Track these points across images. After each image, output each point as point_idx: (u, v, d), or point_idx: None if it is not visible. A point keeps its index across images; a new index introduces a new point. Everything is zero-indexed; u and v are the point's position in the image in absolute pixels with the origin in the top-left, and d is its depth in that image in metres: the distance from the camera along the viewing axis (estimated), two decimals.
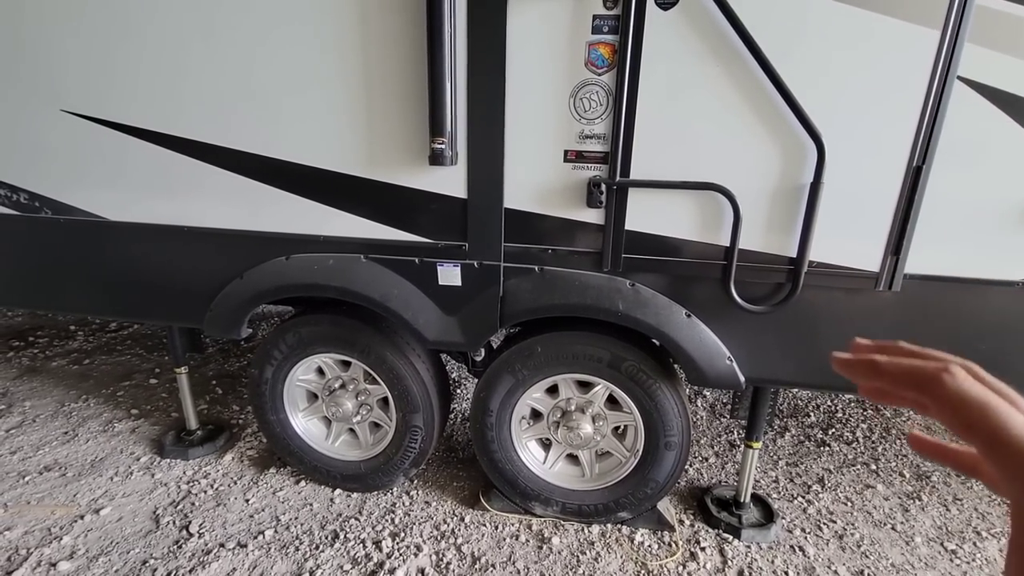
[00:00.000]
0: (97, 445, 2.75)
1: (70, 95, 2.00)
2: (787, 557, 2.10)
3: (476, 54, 1.65)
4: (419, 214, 1.88)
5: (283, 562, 2.04)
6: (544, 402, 2.16)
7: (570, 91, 1.64)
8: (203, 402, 3.17)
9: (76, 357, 3.74)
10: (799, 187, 1.62)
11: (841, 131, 1.53)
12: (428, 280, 1.95)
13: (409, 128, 1.76)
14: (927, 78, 1.46)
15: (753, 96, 1.56)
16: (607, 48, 1.59)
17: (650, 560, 2.07)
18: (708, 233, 1.72)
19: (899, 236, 1.60)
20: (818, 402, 3.33)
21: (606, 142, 1.68)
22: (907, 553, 2.15)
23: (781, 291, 1.74)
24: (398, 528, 2.20)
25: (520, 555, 2.09)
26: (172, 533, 2.17)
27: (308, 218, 1.96)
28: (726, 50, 1.53)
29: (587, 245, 1.81)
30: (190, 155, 1.97)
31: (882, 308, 1.71)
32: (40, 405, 3.11)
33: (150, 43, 1.86)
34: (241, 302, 2.12)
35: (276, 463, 2.58)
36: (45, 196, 2.18)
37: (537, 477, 2.22)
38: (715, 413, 3.20)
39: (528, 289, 1.89)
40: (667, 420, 1.99)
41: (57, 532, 2.16)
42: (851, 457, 2.77)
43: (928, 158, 1.52)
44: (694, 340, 1.83)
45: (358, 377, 2.29)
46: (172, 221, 2.09)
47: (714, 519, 2.23)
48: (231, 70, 1.83)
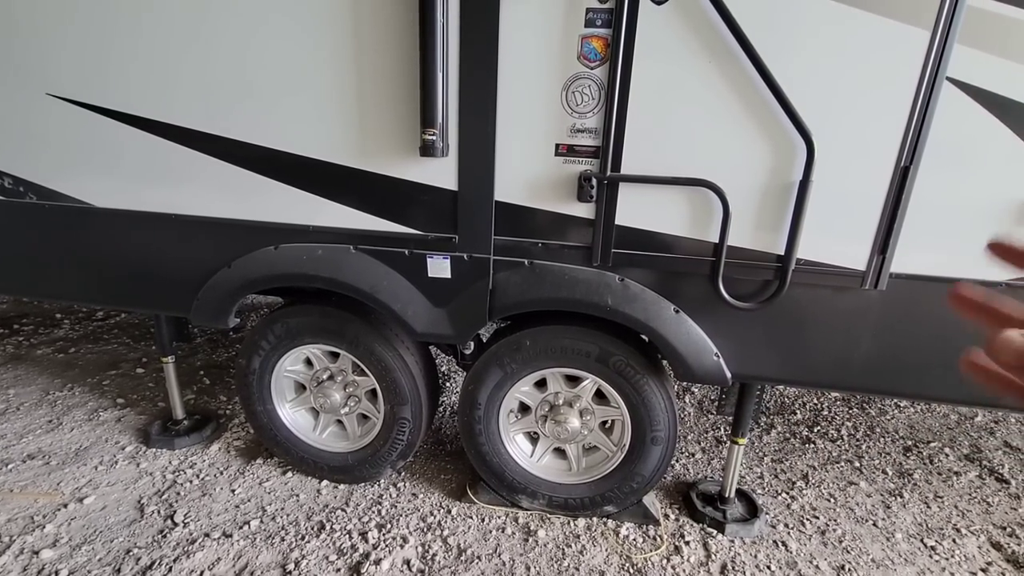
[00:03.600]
0: (82, 434, 2.73)
1: (57, 80, 1.97)
2: (770, 552, 2.13)
3: (468, 45, 1.64)
4: (409, 205, 1.87)
5: (268, 552, 2.04)
6: (532, 396, 2.16)
7: (562, 84, 1.64)
8: (190, 392, 3.15)
9: (62, 345, 3.71)
10: (788, 185, 1.62)
11: (830, 130, 1.54)
12: (418, 272, 1.95)
13: (400, 119, 1.75)
14: (916, 78, 1.47)
15: (744, 93, 1.56)
16: (600, 42, 1.58)
17: (635, 553, 2.09)
18: (697, 229, 1.73)
19: (886, 235, 1.62)
20: (804, 399, 3.36)
21: (598, 136, 1.67)
22: (887, 549, 2.18)
23: (769, 288, 1.75)
24: (384, 520, 2.21)
25: (506, 547, 2.10)
26: (157, 522, 2.16)
27: (297, 208, 1.95)
28: (719, 46, 1.53)
29: (577, 239, 1.81)
30: (179, 142, 1.95)
31: (868, 307, 1.73)
32: (24, 393, 3.07)
33: (141, 28, 1.83)
34: (229, 291, 2.11)
35: (263, 454, 2.57)
36: (30, 181, 2.15)
37: (524, 470, 2.22)
38: (702, 409, 3.22)
39: (518, 282, 1.89)
40: (654, 415, 2.00)
41: (40, 520, 2.14)
42: (835, 454, 2.80)
43: (916, 158, 1.53)
44: (682, 336, 1.84)
45: (346, 368, 2.28)
46: (159, 208, 2.07)
47: (699, 514, 2.25)
48: (223, 58, 1.81)
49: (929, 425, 3.13)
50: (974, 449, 2.90)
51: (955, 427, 3.12)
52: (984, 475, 2.68)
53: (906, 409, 3.29)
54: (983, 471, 2.71)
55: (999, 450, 2.90)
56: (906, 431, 3.05)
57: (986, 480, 2.65)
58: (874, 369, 1.79)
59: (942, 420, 3.19)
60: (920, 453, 2.85)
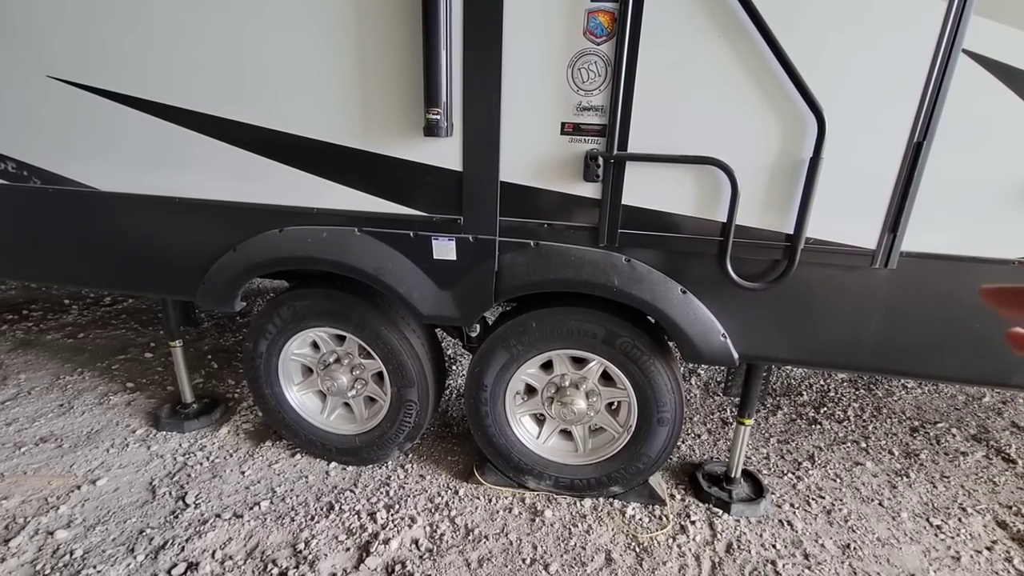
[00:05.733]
0: (93, 417, 2.76)
1: (58, 61, 1.95)
2: (775, 531, 2.14)
3: (472, 21, 1.61)
4: (414, 187, 1.85)
5: (279, 532, 2.06)
6: (538, 377, 2.16)
7: (568, 61, 1.61)
8: (198, 376, 3.17)
9: (71, 331, 3.73)
10: (798, 163, 1.60)
11: (842, 105, 1.51)
12: (423, 254, 1.94)
13: (404, 98, 1.73)
14: (931, 51, 1.43)
15: (754, 68, 1.52)
16: (607, 16, 1.55)
17: (641, 533, 2.10)
18: (705, 209, 1.70)
19: (897, 213, 1.59)
20: (811, 381, 3.35)
21: (604, 114, 1.65)
22: (893, 528, 2.19)
23: (777, 268, 1.73)
24: (393, 500, 2.23)
25: (513, 527, 2.12)
26: (168, 504, 2.19)
27: (302, 190, 1.94)
28: (729, 20, 1.49)
29: (583, 220, 1.80)
30: (183, 125, 1.93)
31: (878, 286, 1.71)
32: (35, 378, 3.11)
33: (142, 8, 1.80)
34: (234, 275, 2.11)
35: (272, 436, 2.59)
36: (34, 165, 2.15)
37: (531, 452, 2.24)
38: (708, 391, 3.22)
39: (523, 264, 1.87)
40: (660, 396, 2.00)
41: (54, 502, 2.18)
42: (842, 435, 2.80)
43: (929, 134, 1.50)
44: (689, 316, 1.83)
45: (353, 351, 2.29)
46: (164, 192, 2.06)
47: (704, 494, 2.27)
48: (225, 38, 1.79)
49: (936, 406, 3.12)
50: (981, 429, 2.90)
51: (962, 408, 3.11)
52: (991, 455, 2.68)
53: (913, 390, 3.28)
54: (990, 451, 2.71)
55: (1006, 430, 2.90)
56: (913, 411, 3.05)
57: (993, 460, 2.65)
58: (883, 349, 1.77)
59: (949, 401, 3.18)
60: (927, 433, 2.84)
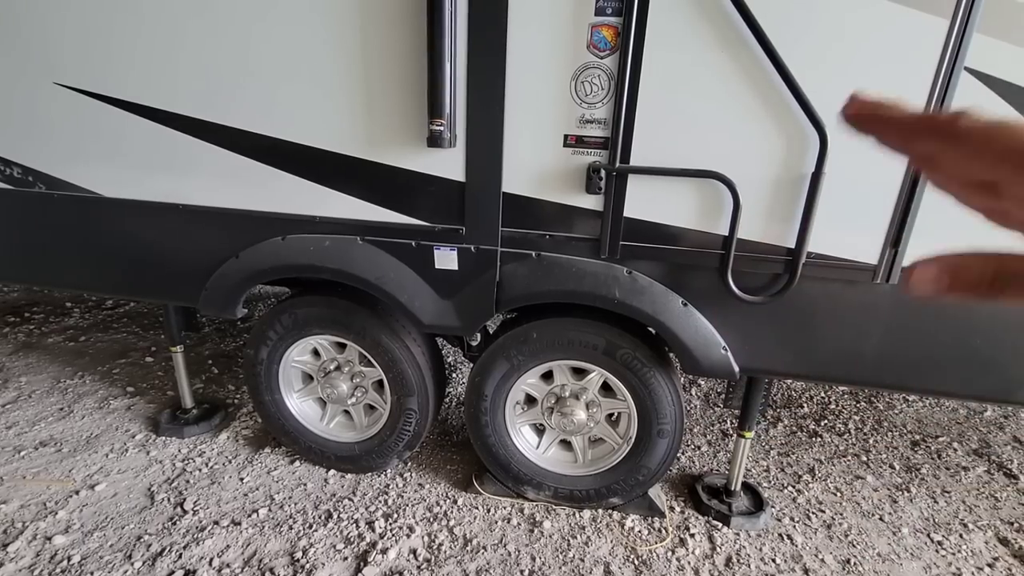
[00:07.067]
0: (92, 422, 2.76)
1: (65, 68, 1.96)
2: (775, 545, 2.13)
3: (477, 33, 1.62)
4: (416, 196, 1.86)
5: (276, 540, 2.06)
6: (539, 388, 2.16)
7: (571, 74, 1.62)
8: (199, 381, 3.17)
9: (72, 334, 3.74)
10: (800, 177, 1.60)
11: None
12: (425, 263, 1.94)
13: (408, 109, 1.74)
14: (934, 68, 1.44)
15: (757, 83, 1.53)
16: (610, 31, 1.56)
17: (640, 545, 2.09)
18: (707, 222, 1.71)
19: (899, 228, 1.59)
20: (812, 393, 3.34)
21: (607, 127, 1.65)
22: (893, 543, 2.17)
23: (778, 282, 1.73)
24: (391, 509, 2.22)
25: (512, 538, 2.11)
26: (167, 510, 2.19)
27: (305, 198, 1.94)
28: (731, 35, 1.50)
29: (585, 231, 1.80)
30: (187, 132, 1.95)
31: (879, 301, 1.71)
32: (36, 381, 3.11)
33: (147, 16, 1.82)
34: (237, 281, 2.11)
35: (271, 443, 2.59)
36: (39, 171, 2.16)
37: (530, 462, 2.23)
38: (709, 402, 3.22)
39: (525, 274, 1.88)
40: (660, 408, 2.00)
41: (53, 507, 2.17)
42: (842, 448, 2.79)
43: None
44: (690, 329, 1.83)
45: (353, 359, 2.29)
46: (168, 199, 2.07)
47: (704, 506, 2.26)
48: (229, 46, 1.80)
49: (938, 420, 3.11)
50: (983, 444, 2.88)
51: (964, 422, 3.10)
52: (992, 470, 2.67)
53: (915, 403, 3.26)
54: (992, 466, 2.70)
55: (1008, 445, 2.88)
56: (914, 425, 3.04)
57: (994, 475, 2.63)
58: (884, 364, 1.77)
59: (951, 415, 3.16)
60: (928, 448, 2.83)
